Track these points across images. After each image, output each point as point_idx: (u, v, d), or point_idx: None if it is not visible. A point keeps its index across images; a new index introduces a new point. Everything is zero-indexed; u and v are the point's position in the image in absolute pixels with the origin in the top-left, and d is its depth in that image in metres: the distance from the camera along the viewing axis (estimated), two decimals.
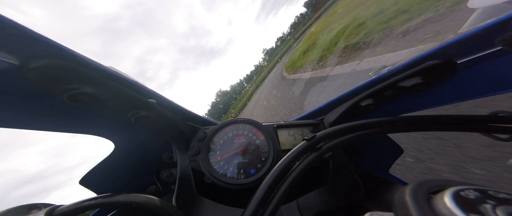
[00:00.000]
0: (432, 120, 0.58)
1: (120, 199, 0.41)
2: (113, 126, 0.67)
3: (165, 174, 0.96)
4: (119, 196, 0.42)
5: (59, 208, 0.36)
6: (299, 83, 10.10)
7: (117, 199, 0.41)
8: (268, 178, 0.42)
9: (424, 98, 0.65)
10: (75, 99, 0.42)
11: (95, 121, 0.61)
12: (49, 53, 0.35)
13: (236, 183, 0.70)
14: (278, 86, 15.63)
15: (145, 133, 0.78)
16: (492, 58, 0.46)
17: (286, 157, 0.47)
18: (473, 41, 0.43)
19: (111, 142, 0.70)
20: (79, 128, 0.60)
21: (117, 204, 0.41)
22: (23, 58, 0.34)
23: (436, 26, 4.23)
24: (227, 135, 0.83)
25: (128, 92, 0.52)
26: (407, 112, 0.74)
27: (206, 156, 0.76)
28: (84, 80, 0.42)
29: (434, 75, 0.53)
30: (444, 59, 0.49)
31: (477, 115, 0.57)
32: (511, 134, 0.55)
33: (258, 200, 0.38)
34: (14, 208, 0.35)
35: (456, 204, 0.22)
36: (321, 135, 0.52)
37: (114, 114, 0.56)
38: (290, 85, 11.64)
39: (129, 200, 0.42)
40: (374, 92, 0.65)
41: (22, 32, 0.31)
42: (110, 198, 0.41)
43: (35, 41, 0.33)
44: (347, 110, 0.77)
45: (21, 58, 0.34)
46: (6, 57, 0.33)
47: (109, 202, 0.41)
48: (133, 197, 0.42)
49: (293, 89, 10.19)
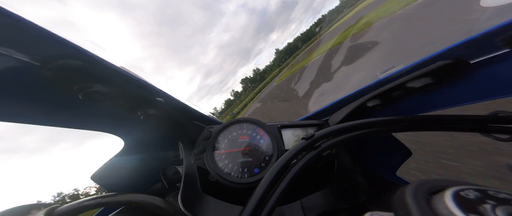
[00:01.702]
0: (432, 120, 0.57)
1: (120, 199, 0.42)
2: (123, 124, 0.69)
3: (171, 172, 0.98)
4: (118, 196, 0.42)
5: (59, 208, 0.36)
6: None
7: (117, 199, 0.42)
8: (267, 176, 0.43)
9: (434, 99, 0.64)
10: (90, 97, 0.44)
11: (107, 119, 0.64)
12: (67, 53, 0.38)
13: (240, 182, 0.71)
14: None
15: (153, 131, 0.80)
16: (508, 59, 0.44)
17: (285, 156, 0.47)
18: (487, 40, 0.42)
19: (121, 139, 0.73)
20: (91, 125, 0.63)
21: (117, 204, 0.42)
22: (43, 58, 0.36)
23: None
24: (231, 134, 0.84)
25: (138, 91, 0.54)
26: (415, 113, 0.73)
27: (211, 155, 0.78)
28: (98, 80, 0.44)
29: (445, 76, 0.52)
30: (456, 59, 0.47)
31: (477, 115, 0.55)
32: (511, 134, 0.54)
33: (257, 198, 0.39)
34: (14, 208, 0.35)
35: (456, 204, 0.22)
36: (320, 134, 0.52)
37: (124, 112, 0.58)
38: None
39: (128, 199, 0.42)
40: (382, 92, 0.64)
41: (42, 34, 0.33)
42: (109, 198, 0.41)
43: (54, 42, 0.35)
44: (353, 111, 0.76)
45: (41, 58, 0.36)
46: (27, 57, 0.35)
47: (108, 202, 0.41)
48: (133, 197, 0.43)
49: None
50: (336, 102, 0.83)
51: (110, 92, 0.47)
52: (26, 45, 0.34)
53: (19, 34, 0.31)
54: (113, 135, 0.71)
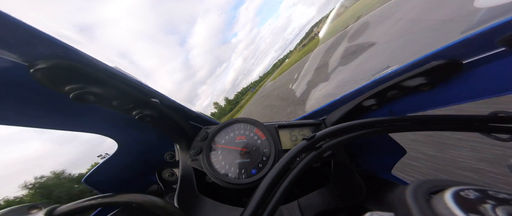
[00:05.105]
0: (432, 120, 0.57)
1: (119, 199, 0.41)
2: (117, 125, 0.68)
3: (167, 174, 0.96)
4: (118, 196, 0.42)
5: (58, 208, 0.36)
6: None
7: (116, 199, 0.41)
8: (268, 178, 0.42)
9: (428, 99, 0.65)
10: (81, 98, 0.43)
11: (100, 120, 0.62)
12: (57, 53, 0.37)
13: (237, 183, 0.70)
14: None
15: (148, 132, 0.79)
16: (499, 59, 0.45)
17: (285, 156, 0.47)
18: (479, 41, 0.42)
19: (115, 141, 0.71)
20: (84, 127, 0.61)
21: (116, 204, 0.42)
22: (32, 58, 0.35)
23: None
24: (228, 135, 0.83)
25: (132, 91, 0.53)
26: (410, 113, 0.74)
27: (208, 156, 0.77)
28: (90, 80, 0.43)
29: (439, 75, 0.53)
30: (449, 59, 0.48)
31: (477, 115, 0.56)
32: (511, 134, 0.54)
33: (258, 200, 0.38)
34: (14, 208, 0.35)
35: (456, 204, 0.22)
36: (321, 134, 0.52)
37: (119, 114, 0.57)
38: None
39: (128, 199, 0.42)
40: (377, 92, 0.65)
41: (30, 33, 0.32)
42: (109, 198, 0.41)
43: (43, 41, 0.34)
44: (350, 111, 0.76)
45: (30, 58, 0.35)
46: (15, 57, 0.34)
47: (108, 202, 0.41)
48: (132, 197, 0.42)
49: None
50: (333, 102, 0.83)
51: (103, 93, 0.45)
52: (14, 44, 0.32)
53: (6, 33, 0.30)
54: (107, 137, 0.69)
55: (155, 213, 0.44)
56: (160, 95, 0.65)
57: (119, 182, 0.86)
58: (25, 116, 0.47)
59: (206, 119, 0.94)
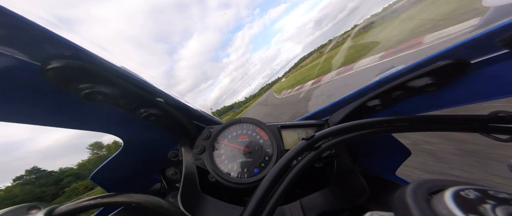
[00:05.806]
0: (432, 120, 0.57)
1: (119, 199, 0.42)
2: (123, 124, 0.69)
3: (171, 172, 0.98)
4: (118, 196, 0.42)
5: (58, 208, 0.37)
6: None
7: (116, 199, 0.42)
8: (268, 177, 0.43)
9: (434, 99, 0.64)
10: (90, 98, 0.44)
11: (107, 119, 0.64)
12: (68, 54, 0.38)
13: (240, 182, 0.71)
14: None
15: (152, 131, 0.80)
16: (508, 59, 0.44)
17: (285, 156, 0.47)
18: (488, 40, 0.41)
19: (121, 139, 0.73)
20: (92, 125, 0.63)
21: (116, 204, 0.42)
22: (44, 59, 0.36)
23: None
24: (231, 134, 0.84)
25: (138, 91, 0.54)
26: (415, 113, 0.73)
27: (211, 155, 0.78)
28: (99, 80, 0.44)
29: (446, 75, 0.52)
30: (456, 59, 0.47)
31: (477, 115, 0.55)
32: (511, 134, 0.53)
33: (258, 199, 0.39)
34: (14, 208, 0.35)
35: (455, 204, 0.22)
36: (320, 134, 0.52)
37: (125, 112, 0.58)
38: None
39: (128, 199, 0.42)
40: (382, 92, 0.64)
41: (43, 33, 0.33)
42: (109, 198, 0.41)
43: (55, 42, 0.35)
44: (353, 111, 0.76)
45: (42, 58, 0.36)
46: (28, 57, 0.35)
47: (107, 202, 0.41)
48: (132, 197, 0.43)
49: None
50: (336, 102, 0.83)
51: (110, 92, 0.47)
52: (27, 45, 0.34)
53: (20, 34, 0.31)
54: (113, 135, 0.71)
55: (156, 213, 0.44)
56: (165, 95, 0.66)
57: (123, 180, 0.87)
58: (36, 114, 0.49)
59: (209, 118, 0.95)
